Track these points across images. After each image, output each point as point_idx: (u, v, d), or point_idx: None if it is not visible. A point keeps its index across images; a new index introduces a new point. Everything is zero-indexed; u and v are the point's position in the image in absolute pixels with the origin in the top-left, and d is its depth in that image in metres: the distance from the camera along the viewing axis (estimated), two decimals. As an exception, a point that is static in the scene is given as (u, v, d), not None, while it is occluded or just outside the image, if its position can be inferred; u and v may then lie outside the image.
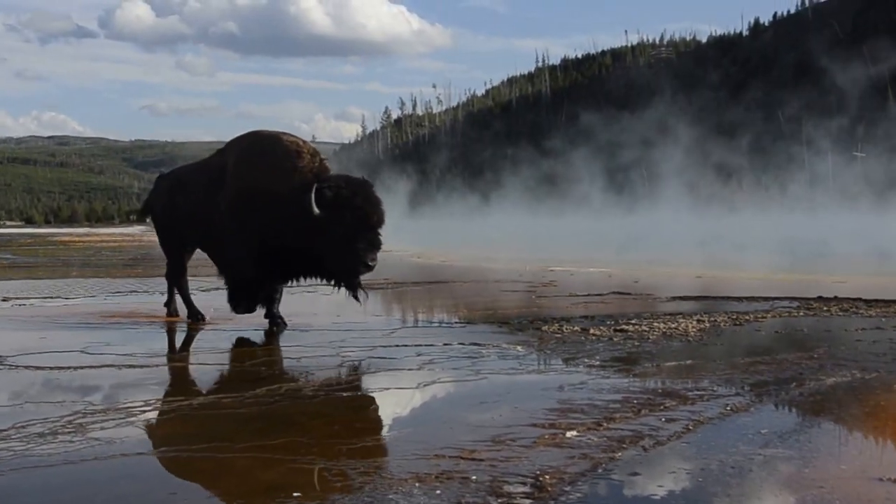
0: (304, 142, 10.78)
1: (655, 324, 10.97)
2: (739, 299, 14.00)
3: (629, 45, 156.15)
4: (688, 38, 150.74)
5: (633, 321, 11.27)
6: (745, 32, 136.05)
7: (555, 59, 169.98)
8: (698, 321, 11.22)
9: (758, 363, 8.30)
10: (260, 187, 10.34)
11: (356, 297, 10.43)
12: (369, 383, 7.69)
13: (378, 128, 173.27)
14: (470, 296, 16.24)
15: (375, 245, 10.06)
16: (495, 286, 17.97)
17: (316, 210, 9.80)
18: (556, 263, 24.85)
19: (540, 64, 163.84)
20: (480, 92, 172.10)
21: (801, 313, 12.20)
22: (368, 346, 9.59)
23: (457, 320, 12.26)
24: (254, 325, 11.30)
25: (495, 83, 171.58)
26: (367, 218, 9.97)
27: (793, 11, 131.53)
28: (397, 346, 9.60)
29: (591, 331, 10.41)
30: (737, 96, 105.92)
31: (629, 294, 15.52)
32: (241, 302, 11.16)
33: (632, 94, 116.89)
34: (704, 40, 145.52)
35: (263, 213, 10.31)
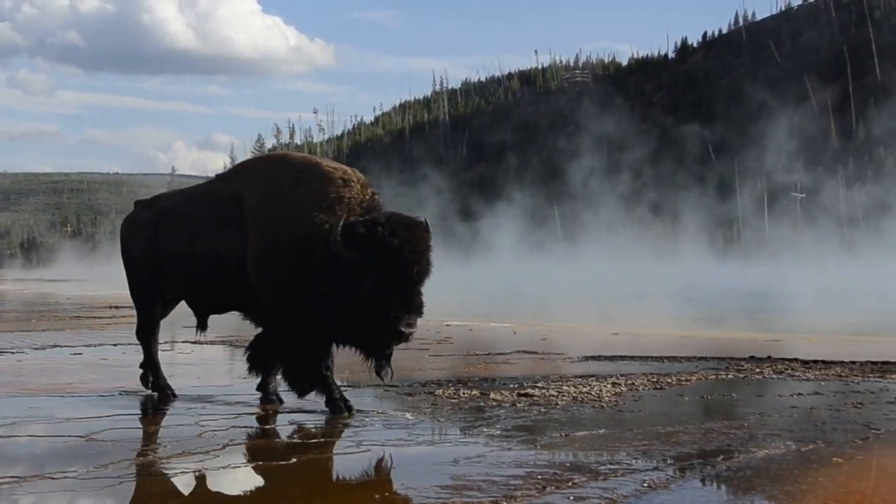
0: (353, 170, 9.79)
1: (565, 387, 11.10)
2: (661, 359, 14.25)
3: (540, 66, 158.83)
4: (606, 60, 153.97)
5: (539, 384, 11.40)
6: (671, 54, 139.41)
7: (455, 82, 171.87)
8: (614, 384, 11.39)
9: (680, 433, 8.47)
10: (297, 228, 9.33)
11: (379, 374, 9.50)
12: (232, 458, 7.61)
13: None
14: (352, 354, 16.16)
15: (414, 307, 8.88)
16: (383, 343, 17.93)
17: (343, 250, 8.81)
18: (453, 317, 24.92)
19: (437, 87, 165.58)
20: (369, 118, 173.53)
21: (731, 375, 12.49)
22: (233, 413, 9.52)
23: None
24: (103, 390, 11.10)
25: (386, 109, 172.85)
26: (405, 267, 8.81)
27: (725, 31, 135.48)
28: (267, 413, 9.56)
29: (492, 395, 10.52)
30: (662, 125, 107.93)
31: (536, 353, 15.69)
32: (311, 377, 9.95)
33: (543, 123, 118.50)
34: (625, 62, 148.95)
35: (303, 261, 9.22)
